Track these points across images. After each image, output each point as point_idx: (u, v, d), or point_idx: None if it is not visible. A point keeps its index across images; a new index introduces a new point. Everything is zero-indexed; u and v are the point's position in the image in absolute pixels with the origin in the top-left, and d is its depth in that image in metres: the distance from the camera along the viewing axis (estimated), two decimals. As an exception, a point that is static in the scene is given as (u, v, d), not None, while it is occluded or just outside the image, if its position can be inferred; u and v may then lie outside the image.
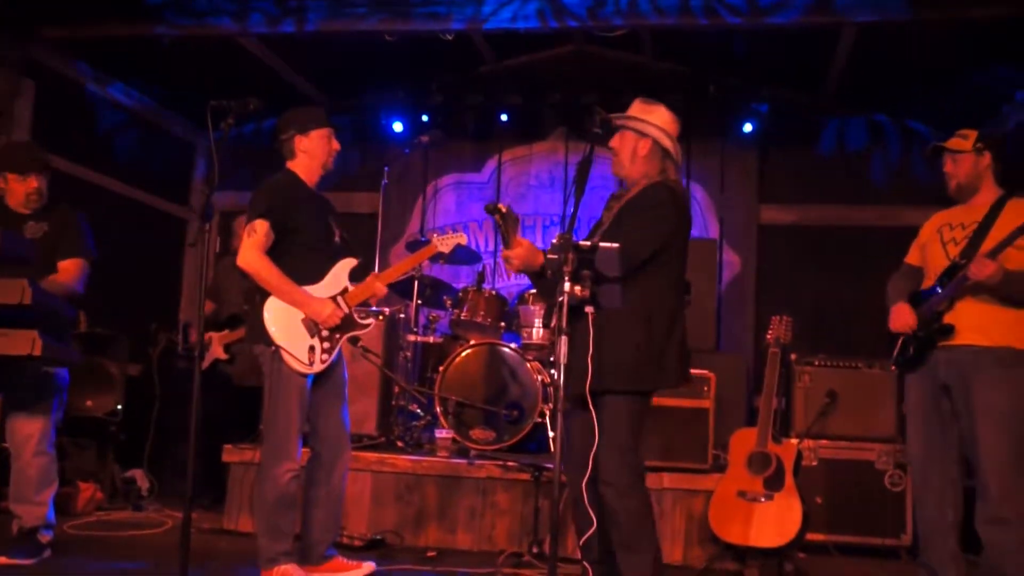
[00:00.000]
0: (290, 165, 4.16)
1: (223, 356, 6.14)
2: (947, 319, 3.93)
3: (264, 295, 3.98)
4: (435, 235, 4.62)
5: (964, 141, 4.03)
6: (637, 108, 3.70)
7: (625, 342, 3.46)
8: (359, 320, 4.19)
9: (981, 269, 3.74)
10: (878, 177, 7.36)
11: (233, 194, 7.56)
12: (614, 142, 3.68)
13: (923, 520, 4.12)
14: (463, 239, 4.50)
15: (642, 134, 3.63)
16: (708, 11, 5.64)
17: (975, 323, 3.88)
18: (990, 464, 3.82)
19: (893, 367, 4.27)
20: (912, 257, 4.31)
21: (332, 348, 4.07)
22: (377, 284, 4.21)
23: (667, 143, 3.65)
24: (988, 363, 3.84)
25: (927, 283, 4.11)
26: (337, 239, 4.21)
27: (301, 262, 4.03)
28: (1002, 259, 3.76)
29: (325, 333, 4.04)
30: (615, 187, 3.89)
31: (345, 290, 4.14)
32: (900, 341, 4.12)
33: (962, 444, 3.98)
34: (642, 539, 3.50)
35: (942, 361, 3.97)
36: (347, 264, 4.18)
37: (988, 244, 3.87)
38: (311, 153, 4.12)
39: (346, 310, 4.11)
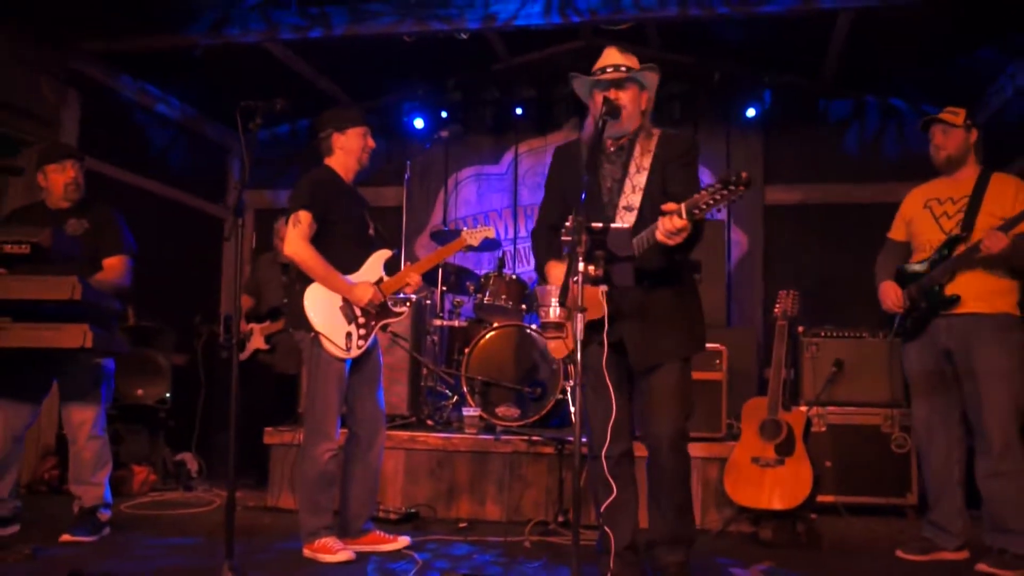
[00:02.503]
0: (328, 161, 4.29)
1: (264, 346, 6.34)
2: (950, 290, 4.10)
3: (304, 284, 4.12)
4: (464, 229, 4.71)
5: (955, 117, 4.21)
6: (624, 58, 3.52)
7: (685, 312, 3.52)
8: (393, 308, 4.31)
9: (996, 242, 3.92)
10: (877, 155, 7.44)
11: (270, 193, 7.83)
12: (619, 97, 3.46)
13: (930, 479, 4.28)
14: (491, 232, 4.59)
15: (643, 86, 3.54)
16: (699, 3, 5.67)
17: (977, 292, 4.07)
18: (993, 420, 4.00)
19: (896, 337, 4.43)
20: (897, 233, 4.45)
21: (368, 334, 4.20)
22: (411, 274, 4.33)
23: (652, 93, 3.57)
24: (989, 328, 4.04)
25: (920, 255, 4.27)
26: (372, 232, 4.34)
27: (339, 252, 4.15)
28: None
29: (361, 320, 4.17)
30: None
31: (380, 280, 4.27)
32: (899, 314, 4.29)
33: (964, 405, 4.16)
34: (690, 499, 3.61)
35: (943, 328, 4.15)
36: (382, 255, 4.32)
37: (984, 218, 4.05)
38: (347, 150, 4.26)
39: (382, 298, 4.25)
